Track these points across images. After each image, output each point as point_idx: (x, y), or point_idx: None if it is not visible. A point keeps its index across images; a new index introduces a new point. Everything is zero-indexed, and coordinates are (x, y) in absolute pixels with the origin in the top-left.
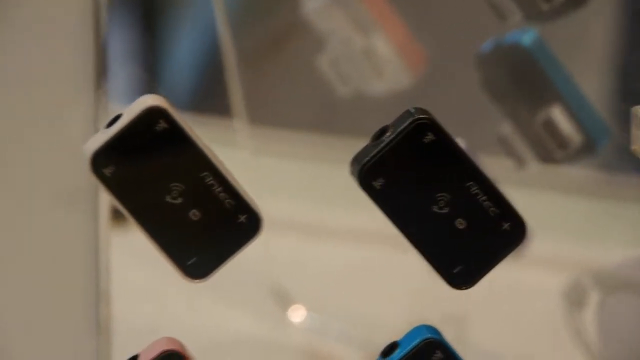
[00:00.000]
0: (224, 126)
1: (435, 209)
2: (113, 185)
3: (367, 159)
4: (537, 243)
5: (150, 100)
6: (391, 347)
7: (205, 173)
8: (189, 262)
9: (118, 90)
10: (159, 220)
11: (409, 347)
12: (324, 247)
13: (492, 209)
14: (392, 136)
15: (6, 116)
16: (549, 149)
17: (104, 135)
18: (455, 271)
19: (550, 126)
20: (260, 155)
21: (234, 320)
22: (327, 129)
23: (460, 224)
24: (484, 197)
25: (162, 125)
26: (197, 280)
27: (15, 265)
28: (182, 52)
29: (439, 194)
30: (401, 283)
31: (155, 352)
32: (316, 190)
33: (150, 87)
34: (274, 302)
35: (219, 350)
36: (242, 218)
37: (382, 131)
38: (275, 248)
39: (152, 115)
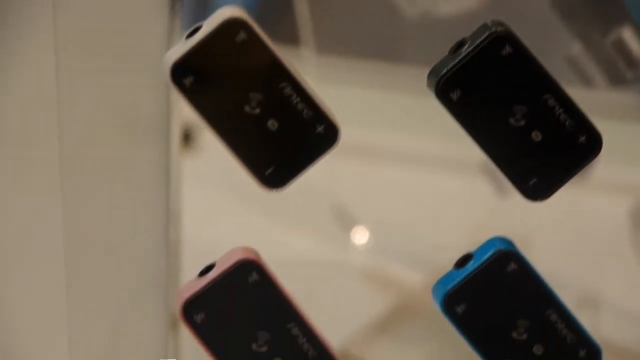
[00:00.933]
0: (290, 54)
1: (511, 121)
2: (192, 95)
3: (444, 70)
4: (603, 167)
5: (229, 11)
6: (465, 259)
7: (283, 83)
8: (267, 172)
9: (190, 14)
10: (237, 130)
11: (483, 258)
12: (387, 171)
13: (568, 121)
14: (470, 48)
15: (78, 39)
16: (619, 68)
17: (183, 46)
18: (530, 183)
19: (620, 46)
20: (327, 84)
21: (298, 241)
22: (392, 56)
23: (537, 136)
24: (560, 110)
25: (241, 36)
26: (275, 190)
27: (88, 186)
28: None
29: (516, 106)
30: (464, 205)
31: (232, 260)
32: (380, 116)
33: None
34: (337, 224)
35: (283, 269)
36: (320, 128)
37: (460, 44)
38: (340, 172)
39: (231, 26)
